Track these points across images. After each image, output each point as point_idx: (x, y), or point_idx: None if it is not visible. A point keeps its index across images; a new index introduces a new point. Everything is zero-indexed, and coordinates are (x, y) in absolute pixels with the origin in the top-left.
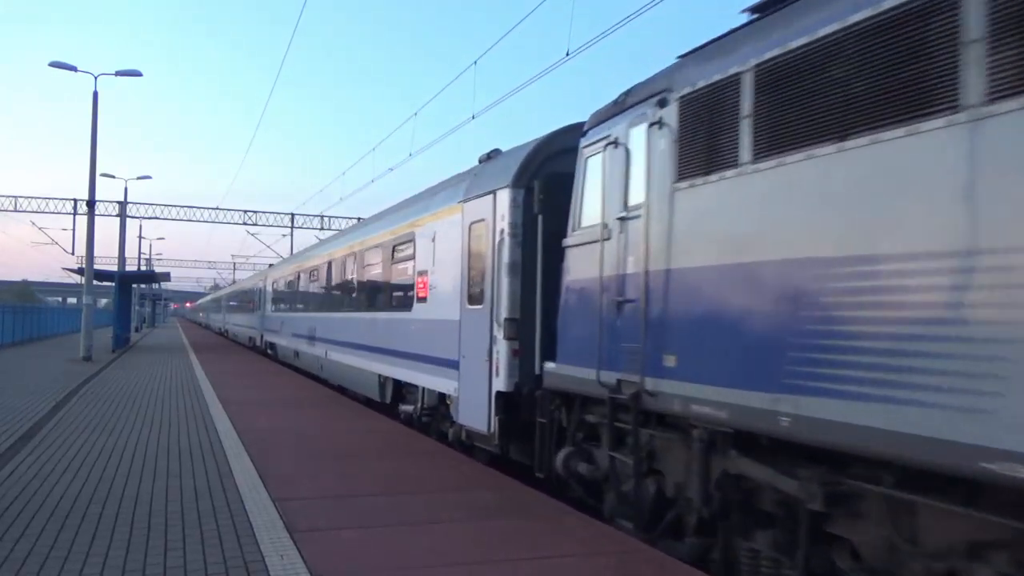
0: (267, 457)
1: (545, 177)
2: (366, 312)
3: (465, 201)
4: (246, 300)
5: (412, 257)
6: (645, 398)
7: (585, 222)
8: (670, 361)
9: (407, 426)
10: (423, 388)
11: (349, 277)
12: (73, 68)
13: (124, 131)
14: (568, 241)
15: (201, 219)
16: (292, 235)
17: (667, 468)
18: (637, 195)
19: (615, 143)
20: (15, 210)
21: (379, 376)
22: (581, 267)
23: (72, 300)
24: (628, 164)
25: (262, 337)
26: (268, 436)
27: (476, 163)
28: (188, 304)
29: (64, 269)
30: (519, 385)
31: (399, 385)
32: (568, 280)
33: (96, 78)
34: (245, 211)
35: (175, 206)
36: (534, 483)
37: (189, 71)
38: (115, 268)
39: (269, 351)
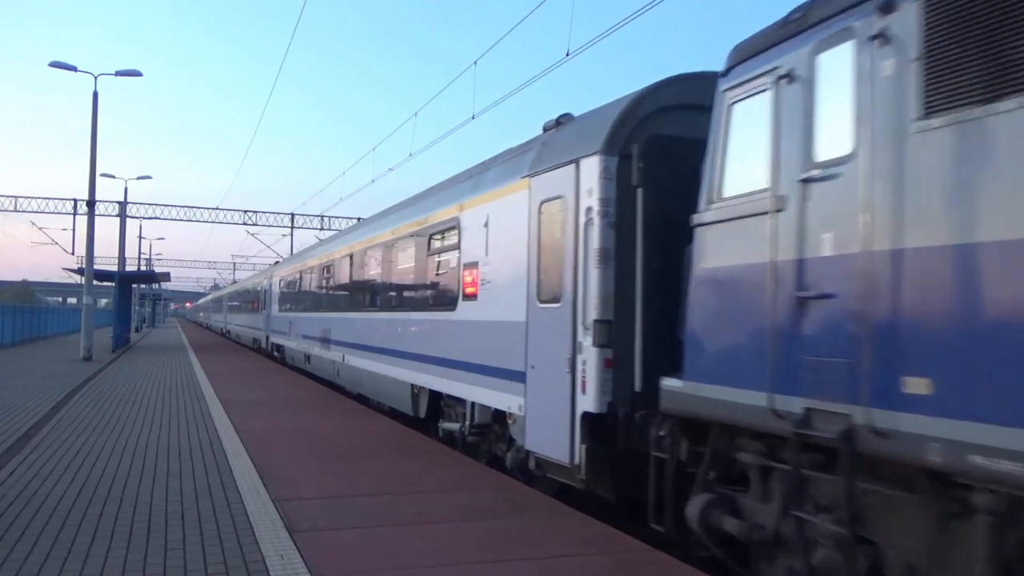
0: (267, 457)
1: (647, 141)
2: (395, 312)
3: (533, 175)
4: (250, 299)
5: (456, 247)
6: (868, 438)
7: (731, 190)
8: (917, 385)
9: (447, 445)
10: (473, 403)
11: (372, 272)
12: (73, 68)
13: (124, 131)
14: (704, 217)
15: (201, 219)
16: (292, 235)
17: (892, 539)
18: (836, 145)
19: (789, 77)
20: (15, 210)
21: (412, 386)
22: (728, 251)
23: (72, 300)
24: (813, 104)
25: (268, 339)
26: (268, 436)
27: (541, 132)
28: (188, 304)
29: (64, 269)
30: (613, 405)
31: (437, 397)
32: (703, 269)
33: (96, 78)
34: (245, 211)
35: (175, 206)
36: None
37: (189, 71)
38: (115, 268)
39: (275, 354)
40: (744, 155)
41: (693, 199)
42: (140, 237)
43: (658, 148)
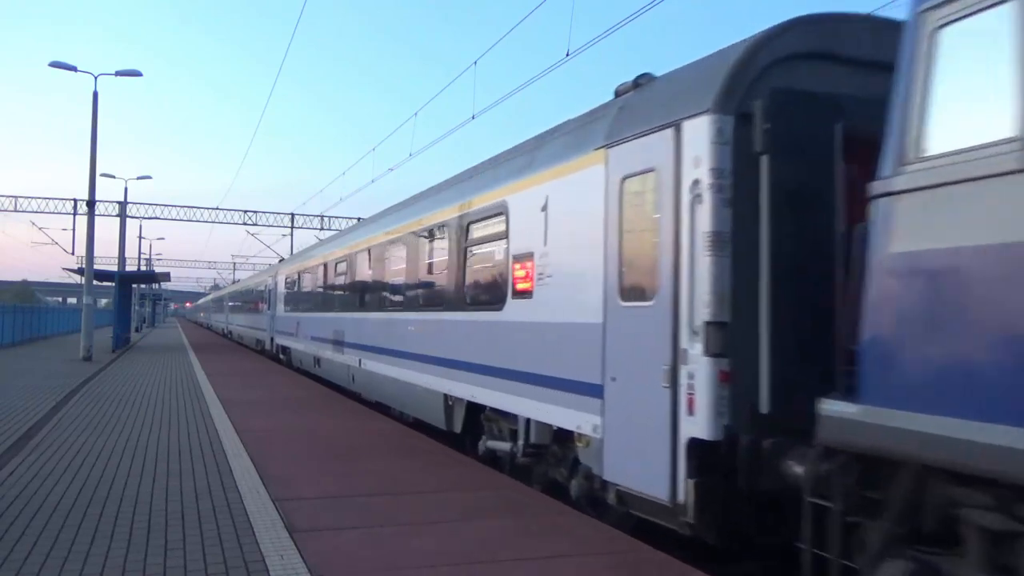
0: (267, 457)
1: (772, 96)
2: (424, 312)
3: (611, 146)
4: (253, 299)
5: (503, 236)
6: None
7: (942, 144)
8: None
9: (487, 463)
10: (528, 419)
11: (395, 268)
12: (73, 68)
13: (124, 131)
14: (894, 183)
15: (201, 219)
16: (292, 235)
17: None
18: None
19: None
20: (15, 210)
21: (445, 397)
22: (941, 227)
23: (72, 300)
24: None
25: (272, 340)
26: (268, 436)
27: (613, 98)
28: (188, 304)
29: (64, 269)
30: (731, 430)
31: (476, 410)
32: (895, 254)
33: (96, 78)
34: (245, 211)
35: (175, 206)
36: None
37: (189, 71)
38: (115, 268)
39: (281, 356)
40: (965, 95)
41: (828, 170)
42: (140, 237)
43: (786, 105)
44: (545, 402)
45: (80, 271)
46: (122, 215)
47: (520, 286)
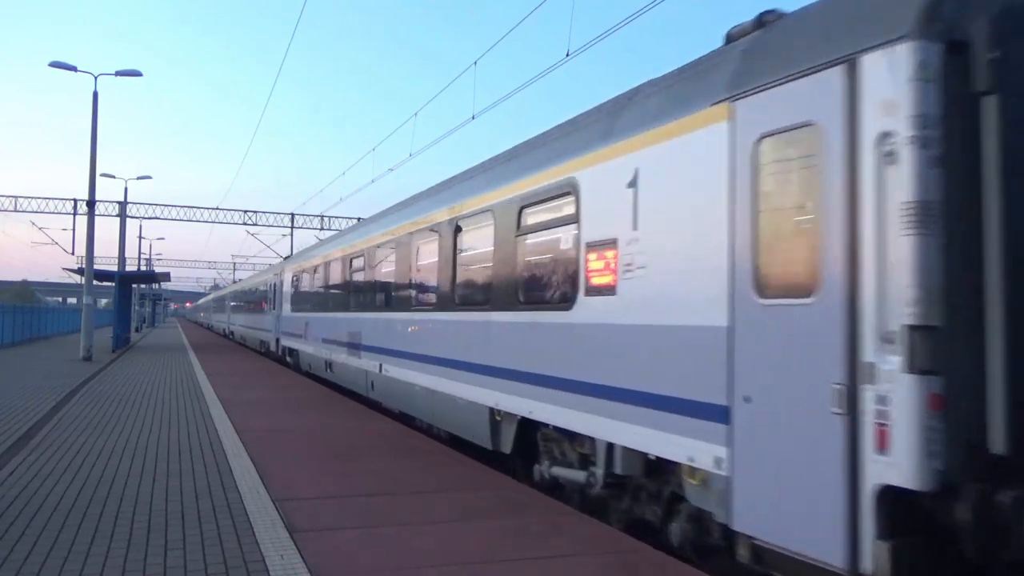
0: (267, 457)
1: (1001, 14)
2: (464, 311)
3: (741, 96)
4: (257, 298)
5: (570, 221)
6: None
7: None
8: None
9: (543, 491)
10: (609, 444)
11: (426, 261)
12: (73, 68)
13: (124, 131)
14: None
15: (201, 219)
16: (292, 235)
17: None
18: None
19: None
20: (15, 210)
21: (491, 410)
22: None
23: (72, 300)
24: None
25: (278, 342)
26: (268, 436)
27: (723, 44)
28: (188, 304)
29: (64, 269)
30: (946, 476)
31: (530, 427)
32: None
33: (96, 78)
34: (245, 211)
35: (175, 206)
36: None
37: (189, 71)
38: (115, 268)
39: (288, 359)
40: None
41: None
42: (140, 237)
43: (1021, 27)
44: (637, 424)
45: (80, 271)
46: (122, 215)
47: (597, 281)
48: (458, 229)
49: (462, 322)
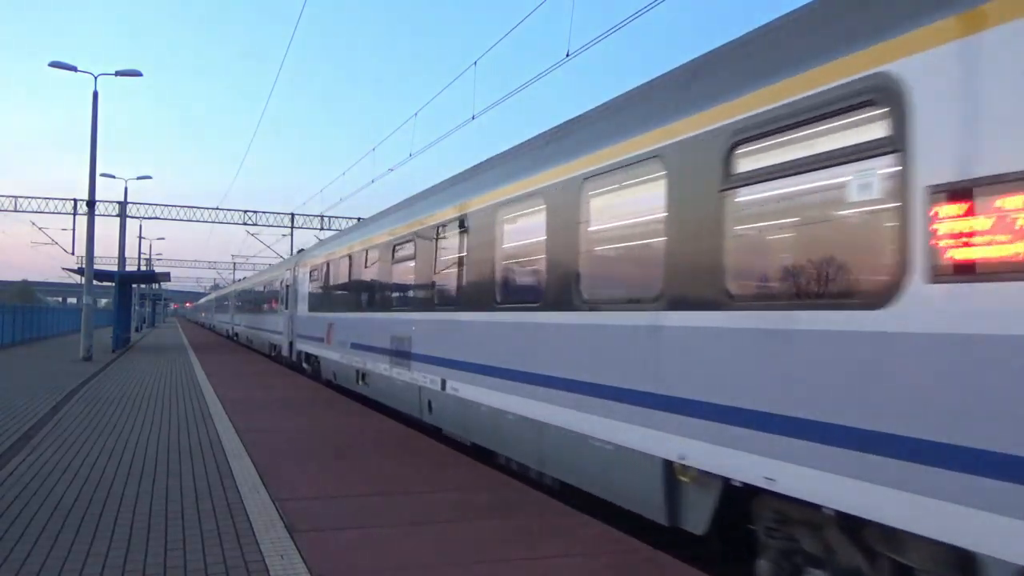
0: (267, 457)
1: None
2: (621, 310)
3: None
4: (265, 297)
5: (887, 148)
6: None
7: None
8: None
9: None
10: (976, 555)
11: (528, 240)
12: (73, 68)
13: (124, 131)
14: None
15: (201, 219)
16: (292, 235)
17: None
18: None
19: None
20: (15, 210)
21: (668, 465)
22: None
23: (72, 300)
24: None
25: (292, 346)
26: (268, 436)
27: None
28: (188, 304)
29: (64, 269)
30: None
31: (743, 496)
32: None
33: (96, 78)
34: (245, 211)
35: (175, 206)
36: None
37: (189, 71)
38: (115, 268)
39: (305, 366)
40: None
41: None
42: (140, 237)
43: None
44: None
45: (80, 271)
46: (122, 215)
47: (961, 255)
48: (602, 187)
49: (617, 328)
